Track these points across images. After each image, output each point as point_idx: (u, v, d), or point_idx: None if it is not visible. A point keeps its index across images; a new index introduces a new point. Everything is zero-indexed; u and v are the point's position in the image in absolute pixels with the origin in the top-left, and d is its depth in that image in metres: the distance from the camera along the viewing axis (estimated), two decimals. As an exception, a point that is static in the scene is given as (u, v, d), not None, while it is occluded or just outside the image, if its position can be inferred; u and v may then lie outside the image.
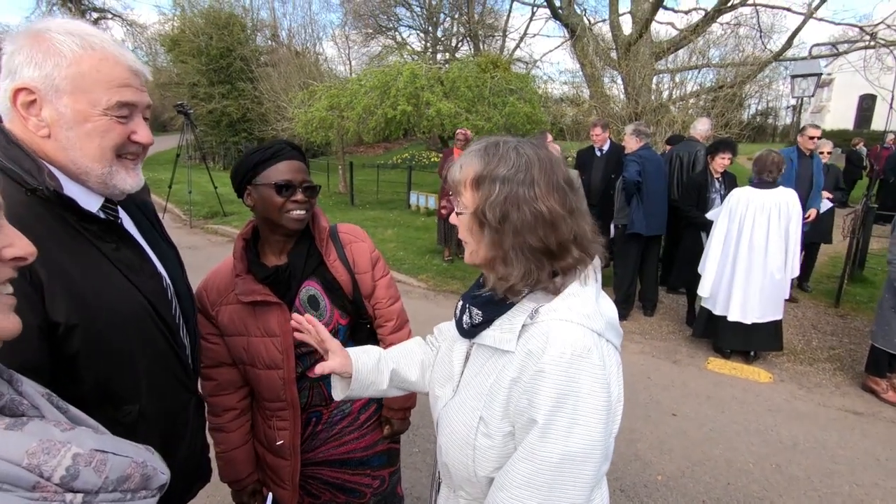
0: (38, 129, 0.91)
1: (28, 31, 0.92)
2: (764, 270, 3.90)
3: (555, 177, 0.92)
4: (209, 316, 1.44)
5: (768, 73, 16.09)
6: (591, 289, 0.94)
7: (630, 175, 4.74)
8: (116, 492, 0.54)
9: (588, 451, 0.84)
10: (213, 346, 1.45)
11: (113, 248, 1.00)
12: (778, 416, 3.44)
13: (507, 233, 0.90)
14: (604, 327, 0.91)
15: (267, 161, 1.35)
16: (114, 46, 0.95)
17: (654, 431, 3.23)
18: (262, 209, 1.37)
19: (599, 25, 13.73)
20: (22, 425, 0.51)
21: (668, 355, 4.36)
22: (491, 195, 0.90)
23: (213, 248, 8.16)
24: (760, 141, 25.55)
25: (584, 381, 0.85)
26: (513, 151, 0.92)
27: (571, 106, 13.40)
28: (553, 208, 0.90)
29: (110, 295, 0.96)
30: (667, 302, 5.61)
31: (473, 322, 1.00)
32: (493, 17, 22.88)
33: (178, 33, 20.67)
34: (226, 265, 1.48)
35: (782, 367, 4.18)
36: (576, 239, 0.93)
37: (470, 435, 0.96)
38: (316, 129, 11.14)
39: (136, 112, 0.98)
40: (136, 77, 0.97)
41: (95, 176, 0.95)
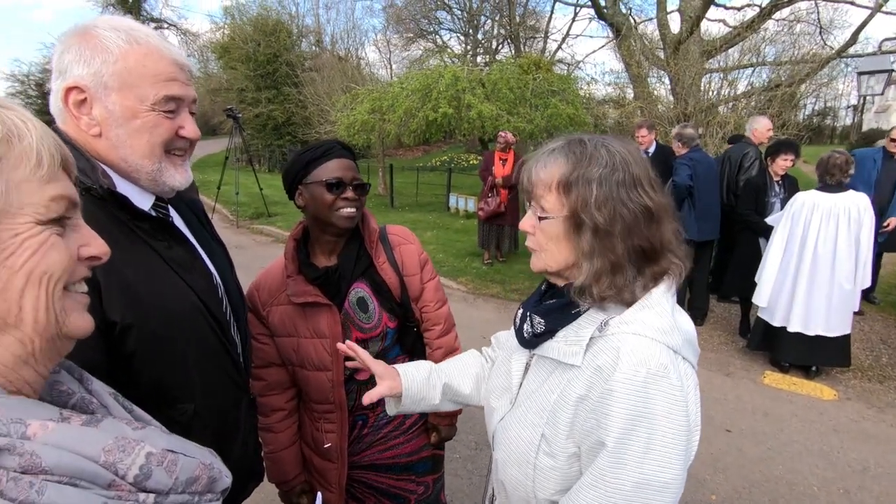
0: (89, 128, 0.91)
1: (76, 30, 0.92)
2: (831, 280, 3.64)
3: (649, 172, 0.87)
4: (260, 316, 1.44)
5: (828, 72, 15.23)
6: (667, 301, 0.86)
7: (681, 179, 4.55)
8: (185, 493, 0.54)
9: (665, 479, 0.77)
10: (263, 346, 1.45)
11: (165, 246, 0.99)
12: (844, 437, 3.20)
13: (600, 235, 0.84)
14: (681, 344, 0.83)
15: (318, 160, 1.35)
16: (158, 40, 0.94)
17: (707, 448, 3.06)
18: (313, 208, 1.37)
19: (645, 24, 13.36)
20: (97, 422, 0.51)
21: (720, 367, 4.15)
22: (590, 196, 0.83)
23: (259, 248, 8.39)
24: (818, 143, 24.21)
25: (661, 403, 0.77)
26: (602, 149, 0.86)
27: (615, 107, 13.08)
28: (660, 203, 0.84)
29: (164, 294, 0.95)
30: (718, 311, 5.35)
31: (535, 331, 0.94)
32: (534, 18, 22.64)
33: (229, 41, 21.50)
34: (277, 266, 1.48)
35: (848, 384, 3.89)
36: (670, 245, 0.87)
37: (530, 453, 0.90)
38: (358, 131, 11.30)
39: (182, 106, 0.97)
40: (181, 71, 0.96)
41: (146, 173, 0.95)
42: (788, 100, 8.96)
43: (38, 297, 0.51)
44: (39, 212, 0.51)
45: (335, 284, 1.40)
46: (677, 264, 0.87)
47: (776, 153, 4.39)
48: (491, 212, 6.53)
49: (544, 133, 10.80)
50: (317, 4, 24.31)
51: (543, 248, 0.92)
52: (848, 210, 3.56)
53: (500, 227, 6.90)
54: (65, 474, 0.46)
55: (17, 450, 0.44)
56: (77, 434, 0.48)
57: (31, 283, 0.50)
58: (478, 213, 6.71)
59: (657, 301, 0.85)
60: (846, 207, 3.57)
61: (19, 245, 0.50)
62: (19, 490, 0.42)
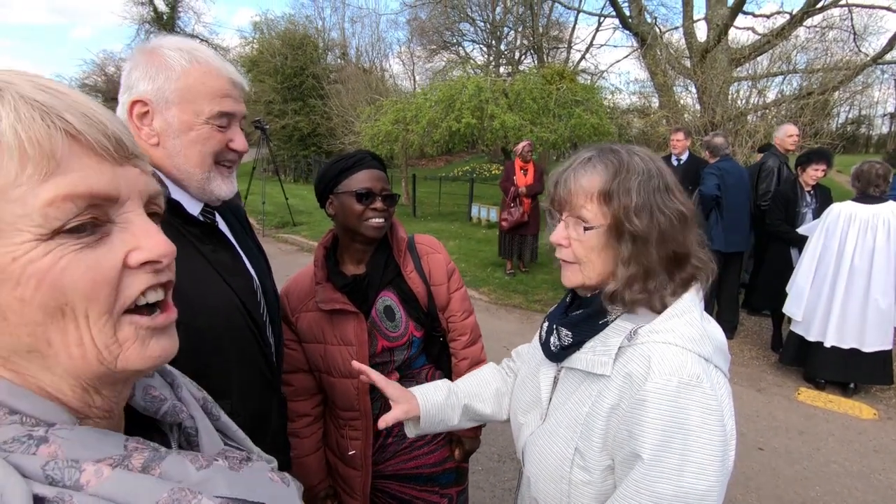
0: (148, 139, 0.98)
1: (144, 49, 1.00)
2: (867, 293, 3.50)
3: (674, 179, 0.88)
4: (289, 322, 1.46)
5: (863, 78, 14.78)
6: (696, 309, 0.86)
7: (708, 189, 4.46)
8: None
9: (703, 492, 0.75)
10: (291, 351, 1.47)
11: (211, 249, 1.05)
12: (886, 459, 3.05)
13: (637, 241, 0.85)
14: (712, 352, 0.82)
15: (349, 170, 1.38)
16: (217, 60, 1.02)
17: (739, 465, 2.96)
18: (343, 217, 1.39)
19: (671, 33, 13.22)
20: (160, 460, 0.45)
21: (751, 383, 4.02)
22: (630, 204, 0.84)
23: (284, 256, 8.53)
24: (853, 152, 23.48)
25: (695, 413, 0.76)
26: (636, 157, 0.88)
27: (640, 116, 12.93)
28: (690, 208, 0.86)
29: (210, 294, 1.01)
30: (748, 325, 5.20)
31: (563, 344, 0.93)
32: (557, 28, 22.65)
33: (257, 54, 22.09)
34: (306, 273, 1.50)
35: (889, 402, 3.72)
36: (693, 252, 0.87)
37: (564, 468, 0.88)
38: (382, 142, 11.43)
39: (234, 121, 1.04)
40: (235, 88, 1.03)
41: (196, 181, 1.01)
42: (821, 108, 8.70)
43: (66, 332, 0.41)
44: (36, 223, 0.39)
45: (363, 292, 1.41)
46: (703, 269, 0.88)
47: (807, 163, 4.27)
48: (515, 221, 6.50)
49: (567, 143, 10.75)
50: (343, 18, 24.74)
51: (583, 260, 0.90)
52: (887, 221, 3.43)
53: (522, 236, 6.86)
54: None
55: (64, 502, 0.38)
56: (132, 484, 0.42)
57: (51, 317, 0.40)
58: (501, 223, 6.67)
59: (686, 309, 0.84)
60: (885, 219, 3.44)
61: (21, 272, 0.39)
62: None
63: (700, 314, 0.87)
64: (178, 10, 34.40)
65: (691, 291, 0.88)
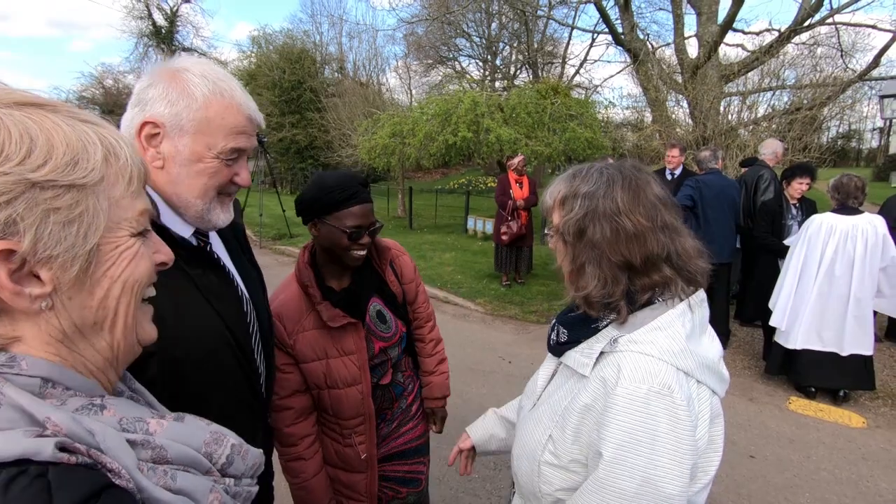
0: (153, 161, 0.95)
1: (168, 68, 0.97)
2: (847, 300, 3.60)
3: (642, 192, 0.92)
4: (286, 345, 1.45)
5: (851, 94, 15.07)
6: (681, 324, 0.90)
7: (678, 200, 4.60)
8: (249, 478, 0.62)
9: (669, 493, 0.80)
10: (288, 375, 1.46)
11: (200, 273, 1.01)
12: (874, 466, 3.11)
13: (585, 246, 0.92)
14: (694, 367, 0.86)
15: (343, 203, 1.39)
16: (240, 94, 0.99)
17: (730, 473, 3.00)
18: (328, 243, 1.42)
19: (662, 49, 13.47)
20: (182, 419, 0.58)
21: (743, 392, 4.07)
22: (571, 212, 0.93)
23: (281, 268, 8.56)
24: (843, 165, 23.80)
25: (663, 421, 0.81)
26: (596, 172, 0.96)
27: (633, 130, 13.12)
28: (638, 222, 0.90)
29: (191, 322, 0.97)
30: (741, 335, 5.27)
31: (559, 340, 1.01)
32: (552, 44, 23.01)
33: (255, 68, 22.28)
34: (291, 293, 1.48)
35: (878, 411, 3.79)
36: (668, 257, 0.91)
37: (537, 451, 0.96)
38: (378, 155, 11.54)
39: (242, 156, 1.02)
40: (251, 124, 1.01)
41: (195, 210, 0.99)
42: (810, 123, 8.88)
43: (129, 304, 0.56)
44: (133, 225, 0.56)
45: (356, 303, 1.48)
46: (668, 282, 0.91)
47: (791, 177, 4.41)
48: (515, 234, 6.57)
49: (562, 157, 10.88)
50: (340, 33, 25.04)
51: (559, 264, 1.00)
52: (865, 231, 3.55)
53: (518, 248, 6.94)
54: (182, 463, 0.53)
55: (150, 444, 0.52)
56: (187, 430, 0.56)
57: (126, 291, 0.55)
58: (500, 237, 6.72)
59: (669, 323, 0.88)
60: (863, 229, 3.56)
61: (118, 256, 0.54)
62: (158, 477, 0.50)
63: (687, 330, 0.89)
64: (177, 24, 34.71)
65: (679, 307, 0.91)
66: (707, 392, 0.88)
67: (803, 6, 8.86)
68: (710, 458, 0.89)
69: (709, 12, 9.37)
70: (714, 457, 0.90)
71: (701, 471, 0.88)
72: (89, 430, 0.47)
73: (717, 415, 0.90)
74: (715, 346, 0.95)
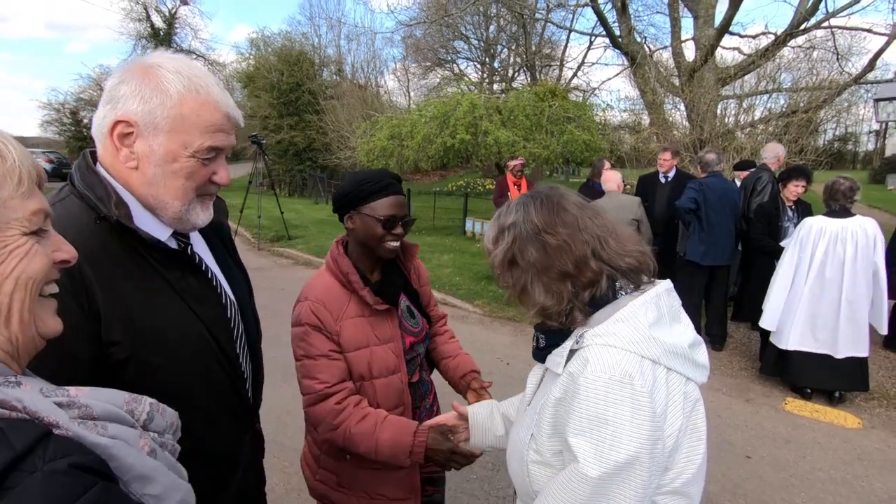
0: (126, 161, 0.92)
1: (140, 64, 0.92)
2: (839, 302, 3.64)
3: (557, 206, 0.98)
4: (332, 331, 1.42)
5: (847, 97, 15.15)
6: (643, 314, 0.93)
7: (681, 203, 4.66)
8: (169, 434, 0.69)
9: (623, 480, 0.84)
10: (336, 361, 1.42)
11: (178, 276, 0.98)
12: (870, 466, 3.13)
13: (522, 270, 0.99)
14: (660, 354, 0.90)
15: (376, 193, 1.44)
16: (217, 91, 0.95)
17: (727, 473, 3.03)
18: (363, 235, 1.47)
19: (660, 52, 13.54)
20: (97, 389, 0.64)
21: (739, 393, 4.10)
22: (503, 244, 1.00)
23: (279, 270, 8.57)
24: (840, 168, 23.92)
25: (625, 408, 0.84)
26: (515, 205, 1.03)
27: (631, 133, 13.18)
28: (558, 233, 0.96)
29: (169, 325, 0.94)
30: (737, 337, 5.29)
31: (539, 346, 1.06)
32: (550, 47, 23.10)
33: (254, 70, 22.31)
34: (328, 281, 1.49)
35: (873, 412, 3.81)
36: (594, 252, 0.96)
37: (523, 450, 1.01)
38: (377, 157, 11.57)
39: (220, 155, 0.98)
40: (229, 122, 0.97)
41: (173, 211, 0.95)
42: (806, 125, 8.94)
43: (24, 300, 0.59)
44: (24, 225, 0.59)
45: (390, 296, 1.53)
46: (602, 269, 0.96)
47: (787, 179, 4.46)
48: None
49: (560, 159, 10.93)
50: (339, 36, 25.13)
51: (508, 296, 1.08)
52: (855, 234, 3.58)
53: (516, 250, 6.97)
54: (107, 419, 0.59)
55: (76, 404, 0.57)
56: (106, 392, 0.62)
57: (19, 287, 0.58)
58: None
59: (632, 314, 0.92)
60: (853, 231, 3.59)
61: (8, 254, 0.57)
62: (89, 429, 0.55)
63: (650, 319, 0.92)
64: (175, 26, 34.72)
65: (641, 298, 0.94)
66: (679, 378, 0.91)
67: (799, 10, 8.93)
68: (694, 446, 0.92)
69: (705, 16, 9.43)
70: (698, 445, 0.92)
71: (685, 458, 0.91)
72: (17, 398, 0.51)
73: (694, 400, 0.93)
74: (688, 334, 0.97)
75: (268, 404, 4.06)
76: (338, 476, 1.50)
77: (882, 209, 14.52)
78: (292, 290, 5.87)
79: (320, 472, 1.54)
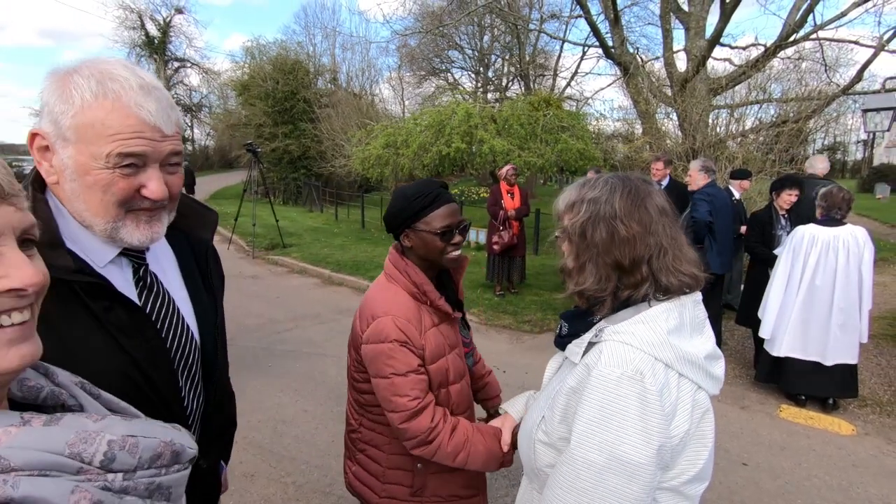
0: (48, 175, 0.87)
1: (61, 70, 0.86)
2: (829, 311, 3.68)
3: (641, 201, 1.00)
4: (418, 346, 1.39)
5: (835, 108, 15.38)
6: (664, 319, 0.95)
7: (701, 216, 4.60)
8: (151, 468, 0.60)
9: (632, 467, 0.87)
10: (422, 375, 1.40)
11: (104, 307, 0.88)
12: (864, 473, 3.15)
13: (587, 246, 1.01)
14: (673, 359, 0.92)
15: (428, 207, 1.41)
16: (132, 94, 0.84)
17: (724, 480, 3.03)
18: (423, 251, 1.45)
19: (652, 63, 13.71)
20: (58, 420, 0.55)
21: (735, 400, 4.12)
22: (577, 215, 1.02)
23: (274, 279, 8.53)
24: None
25: (632, 403, 0.87)
26: (602, 181, 1.04)
27: (624, 142, 13.30)
28: (631, 227, 0.98)
29: (86, 360, 0.84)
30: (732, 344, 5.33)
31: (560, 333, 1.10)
32: (543, 57, 23.34)
33: (248, 79, 22.31)
34: (400, 297, 1.44)
35: (866, 418, 3.84)
36: (650, 260, 0.98)
37: (532, 429, 1.07)
38: (372, 165, 11.61)
39: (149, 163, 0.87)
40: (149, 127, 0.85)
41: (99, 229, 0.88)
42: (796, 135, 9.06)
43: None
44: None
45: (453, 303, 1.55)
46: (647, 277, 0.99)
47: (781, 189, 4.51)
48: (506, 244, 6.63)
49: (554, 167, 11.01)
50: (333, 45, 25.21)
51: (563, 262, 1.08)
52: (847, 243, 3.63)
53: (511, 258, 6.99)
54: (34, 469, 0.50)
55: None
56: (39, 434, 0.52)
57: None
58: (492, 247, 6.77)
59: (653, 317, 0.95)
60: (844, 240, 3.65)
61: None
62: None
63: (671, 325, 0.95)
64: (170, 34, 34.77)
65: (666, 304, 0.97)
66: (690, 385, 0.93)
67: (788, 22, 9.09)
68: (698, 451, 0.94)
69: (697, 27, 9.58)
70: (702, 451, 0.95)
71: (687, 461, 0.94)
72: None
73: (704, 409, 0.95)
74: (707, 346, 0.99)
75: (264, 414, 4.05)
76: (410, 486, 1.48)
77: (871, 218, 14.72)
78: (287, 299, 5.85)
79: (387, 487, 1.50)
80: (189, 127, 40.92)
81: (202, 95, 38.31)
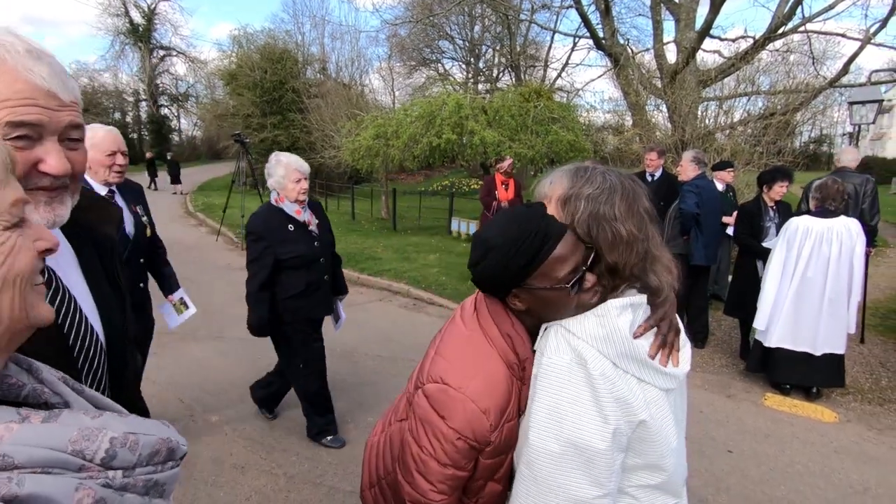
0: None
1: None
2: (820, 301, 3.74)
3: (635, 204, 0.99)
4: (482, 443, 1.02)
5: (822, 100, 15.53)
6: (617, 314, 0.95)
7: (689, 207, 4.66)
8: (149, 465, 0.61)
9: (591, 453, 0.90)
10: (464, 475, 1.07)
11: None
12: (846, 459, 3.22)
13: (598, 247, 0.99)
14: (616, 355, 0.93)
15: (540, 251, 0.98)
16: (19, 58, 0.75)
17: (709, 468, 3.09)
18: (545, 311, 1.04)
19: (642, 54, 13.73)
20: (56, 417, 0.56)
21: (721, 389, 4.18)
22: (577, 212, 0.98)
23: (263, 270, 8.46)
24: (815, 169, 24.50)
25: (583, 389, 0.91)
26: (599, 175, 1.00)
27: (614, 134, 13.34)
28: (631, 231, 0.97)
29: None
30: (718, 334, 5.40)
31: None
32: (534, 47, 23.26)
33: (236, 68, 22.01)
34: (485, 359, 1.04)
35: (848, 406, 3.93)
36: (637, 264, 1.00)
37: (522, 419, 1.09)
38: (362, 156, 11.53)
39: (46, 135, 0.77)
40: (42, 93, 0.76)
41: None
42: (783, 127, 9.15)
43: (14, 298, 0.54)
44: (5, 219, 0.53)
45: None
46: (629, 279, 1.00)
47: (772, 181, 4.53)
48: None
49: (545, 159, 11.01)
50: (322, 34, 24.90)
51: None
52: (840, 234, 3.68)
53: (502, 250, 7.00)
54: (38, 466, 0.50)
55: None
56: (41, 431, 0.52)
57: (7, 287, 0.53)
58: (480, 237, 6.78)
59: (605, 312, 0.96)
60: (838, 232, 3.69)
61: None
62: (0, 485, 0.47)
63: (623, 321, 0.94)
64: (155, 22, 34.13)
65: (621, 300, 0.97)
66: (631, 380, 0.94)
67: (777, 14, 9.14)
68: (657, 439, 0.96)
69: (687, 19, 9.60)
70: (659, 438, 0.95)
71: (648, 446, 0.95)
72: None
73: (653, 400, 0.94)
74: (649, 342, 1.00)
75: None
76: None
77: (856, 209, 14.91)
78: (278, 291, 5.54)
79: None
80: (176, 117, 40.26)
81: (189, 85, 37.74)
